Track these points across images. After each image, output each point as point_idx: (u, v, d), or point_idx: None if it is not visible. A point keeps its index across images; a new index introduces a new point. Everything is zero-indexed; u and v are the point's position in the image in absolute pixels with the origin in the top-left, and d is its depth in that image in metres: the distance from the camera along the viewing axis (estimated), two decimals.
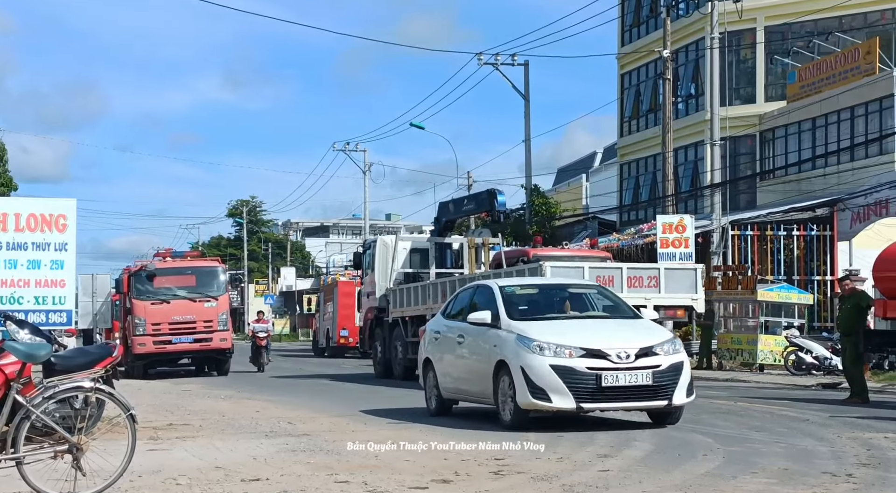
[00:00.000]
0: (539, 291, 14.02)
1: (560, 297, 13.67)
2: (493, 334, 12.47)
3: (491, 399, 12.44)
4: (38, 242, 16.11)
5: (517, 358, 11.77)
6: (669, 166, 31.80)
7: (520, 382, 11.65)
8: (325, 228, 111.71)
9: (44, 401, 7.65)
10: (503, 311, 12.63)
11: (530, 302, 13.39)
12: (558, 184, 63.35)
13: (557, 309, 13.28)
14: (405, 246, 25.64)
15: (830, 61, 36.03)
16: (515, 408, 11.81)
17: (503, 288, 13.33)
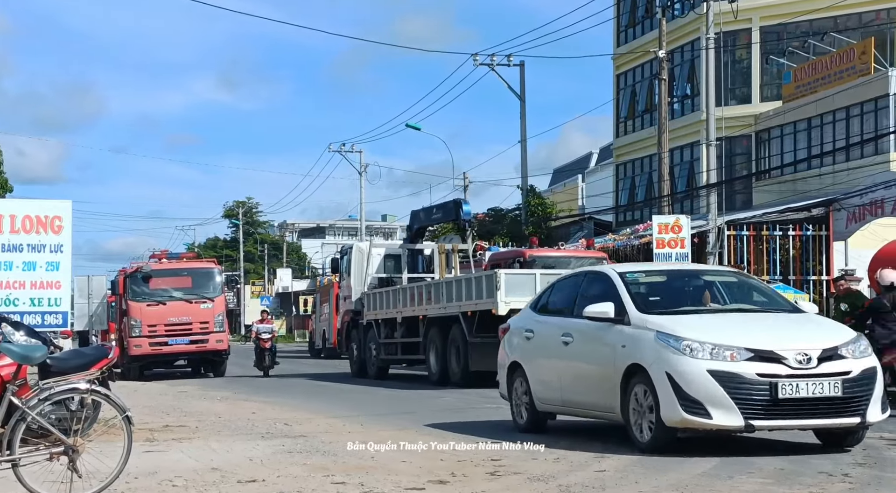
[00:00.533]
0: (668, 278, 11.53)
1: (694, 285, 11.27)
2: (618, 332, 10.17)
3: (615, 413, 10.22)
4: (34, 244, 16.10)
5: (660, 361, 9.50)
6: (665, 167, 31.83)
7: (665, 392, 9.39)
8: (321, 229, 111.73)
9: (39, 403, 7.64)
10: (630, 303, 10.33)
11: (659, 292, 11.01)
12: (554, 184, 63.38)
13: (694, 300, 10.84)
14: (379, 252, 26.88)
15: (826, 61, 36.08)
16: (658, 425, 9.52)
17: (624, 275, 10.97)
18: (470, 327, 20.52)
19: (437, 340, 21.80)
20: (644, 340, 9.80)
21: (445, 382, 21.09)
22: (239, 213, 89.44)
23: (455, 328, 20.93)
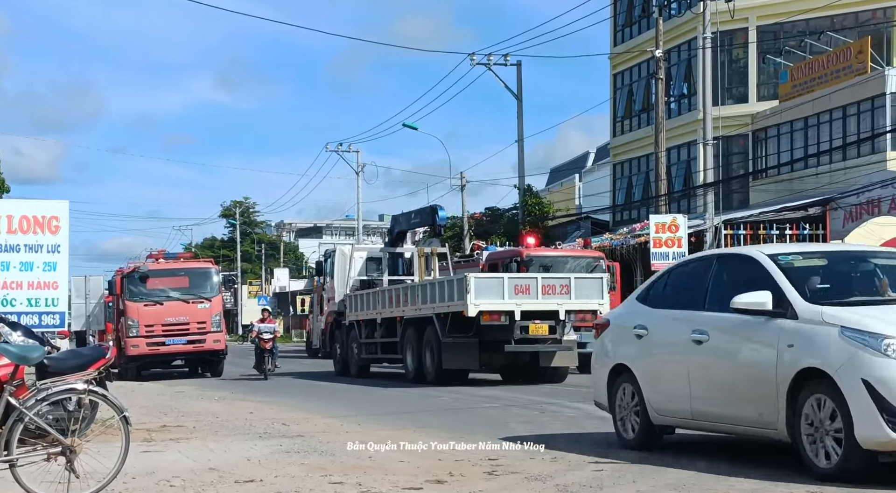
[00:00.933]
0: (829, 261, 9.37)
1: (862, 270, 9.36)
2: (778, 328, 8.35)
3: (776, 429, 8.42)
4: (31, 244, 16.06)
5: (853, 366, 7.66)
6: (662, 166, 31.85)
7: (860, 404, 7.57)
8: (319, 229, 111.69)
9: (37, 403, 7.64)
10: (793, 291, 8.46)
11: (824, 279, 8.95)
12: (551, 184, 63.39)
13: (865, 288, 9.02)
14: (361, 255, 28.03)
15: (822, 61, 36.10)
16: (850, 447, 7.67)
17: (776, 257, 9.05)
18: (443, 327, 21.06)
19: (413, 340, 22.44)
20: (822, 338, 7.95)
21: (421, 380, 21.72)
22: (236, 213, 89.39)
23: (429, 329, 21.54)
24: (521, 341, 20.45)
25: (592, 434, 11.58)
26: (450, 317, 20.81)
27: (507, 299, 20.05)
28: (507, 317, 20.14)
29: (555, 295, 20.46)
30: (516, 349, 20.59)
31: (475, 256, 30.36)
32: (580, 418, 13.52)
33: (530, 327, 20.31)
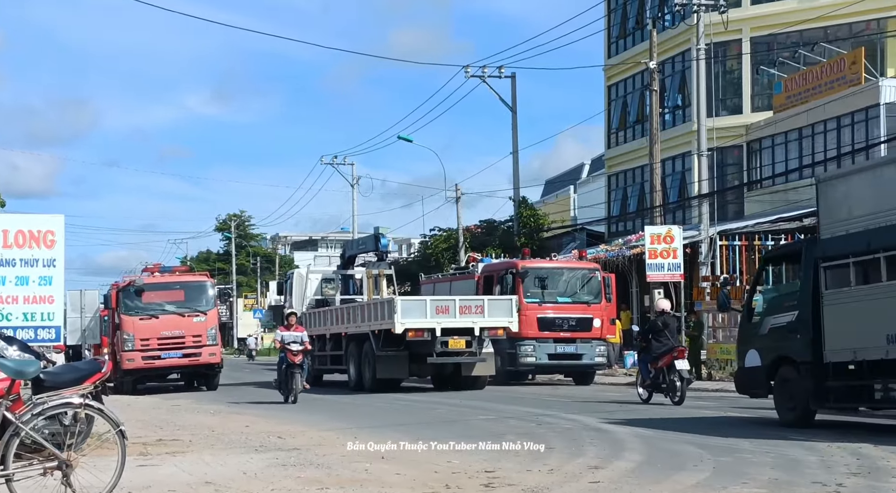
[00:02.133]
0: None
1: None
2: None
3: None
4: (27, 259, 16.04)
5: None
6: (657, 177, 31.87)
7: None
8: (314, 241, 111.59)
9: (33, 418, 7.64)
10: None
11: None
12: (546, 195, 63.44)
13: None
14: (317, 277, 30.76)
15: (816, 72, 36.21)
16: None
17: None
18: (377, 342, 23.63)
19: (354, 353, 25.11)
20: None
21: (360, 388, 24.28)
22: (231, 226, 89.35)
23: (367, 344, 24.12)
24: (441, 353, 22.98)
25: (588, 446, 11.58)
26: (383, 333, 23.32)
27: (430, 318, 22.74)
28: (429, 333, 22.78)
29: (470, 314, 23.15)
30: (438, 361, 23.22)
31: (471, 267, 30.40)
32: (577, 429, 13.52)
33: (449, 341, 22.94)
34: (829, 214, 13.00)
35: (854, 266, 12.40)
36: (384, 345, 23.39)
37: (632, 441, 11.97)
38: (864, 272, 12.38)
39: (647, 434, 12.71)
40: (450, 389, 23.83)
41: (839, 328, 12.58)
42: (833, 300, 12.71)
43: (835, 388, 12.80)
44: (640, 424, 13.99)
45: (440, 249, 47.44)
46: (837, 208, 12.89)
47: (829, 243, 12.82)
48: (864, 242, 12.15)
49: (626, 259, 34.13)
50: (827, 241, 12.89)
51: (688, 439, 12.09)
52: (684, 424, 14.06)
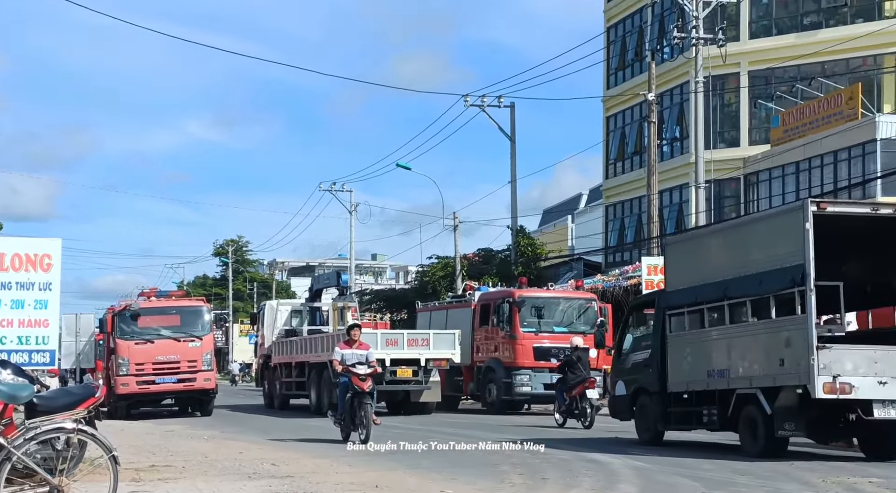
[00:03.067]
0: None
1: None
2: None
3: None
4: (23, 282, 16.04)
5: None
6: (654, 208, 31.95)
7: None
8: (311, 267, 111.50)
9: (25, 442, 7.61)
10: None
11: None
12: (544, 225, 63.53)
13: None
14: (286, 309, 33.64)
15: (813, 106, 36.37)
16: None
17: None
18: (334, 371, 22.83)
19: (315, 380, 27.08)
20: None
21: (320, 412, 25.46)
22: (229, 251, 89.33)
23: (326, 372, 25.32)
24: (391, 382, 25.01)
25: (583, 477, 11.54)
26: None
27: (380, 349, 24.38)
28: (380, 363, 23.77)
29: (417, 346, 25.59)
30: (387, 389, 24.92)
31: (467, 296, 30.41)
32: (572, 460, 13.48)
33: (398, 371, 25.16)
34: (672, 270, 16.01)
35: (687, 314, 15.18)
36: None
37: (627, 473, 11.94)
38: (693, 320, 15.12)
39: (642, 466, 12.67)
40: (402, 413, 25.84)
41: (677, 365, 15.30)
42: (674, 342, 15.45)
43: (675, 413, 15.53)
44: (636, 456, 13.96)
45: (437, 276, 47.44)
46: (678, 267, 15.83)
47: (671, 295, 15.68)
48: (692, 296, 14.90)
49: (623, 290, 34.11)
50: (670, 293, 15.76)
51: (682, 472, 12.06)
52: (679, 457, 14.02)
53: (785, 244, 13.18)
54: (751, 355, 13.77)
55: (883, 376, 12.67)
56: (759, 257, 13.70)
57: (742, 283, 13.84)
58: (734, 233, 15.64)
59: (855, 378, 12.59)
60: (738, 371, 13.88)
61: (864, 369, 12.70)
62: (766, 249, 13.64)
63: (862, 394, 12.62)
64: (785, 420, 13.09)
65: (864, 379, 12.64)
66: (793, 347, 12.94)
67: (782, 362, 13.13)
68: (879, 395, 12.69)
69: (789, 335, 13.06)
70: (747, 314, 13.94)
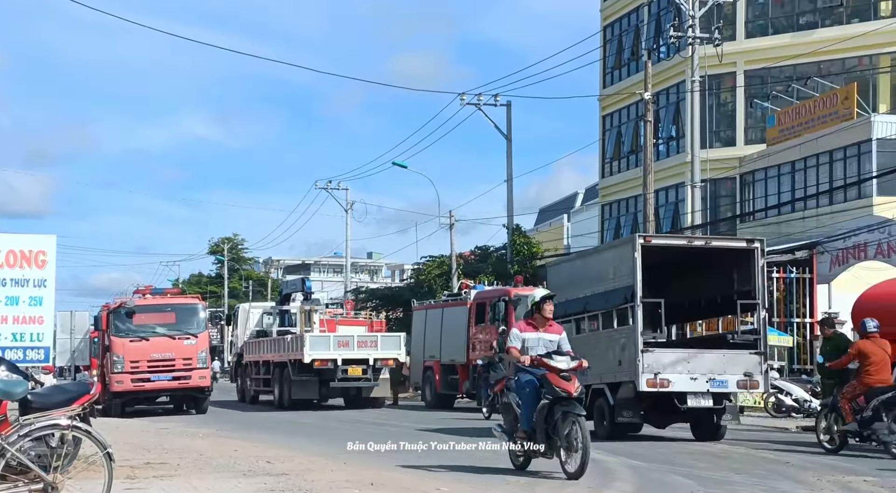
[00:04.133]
0: None
1: None
2: None
3: None
4: (17, 279, 15.99)
5: None
6: (650, 207, 31.94)
7: None
8: (307, 265, 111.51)
9: (19, 439, 7.59)
10: None
11: None
12: (540, 223, 63.57)
13: None
14: (258, 311, 37.06)
15: (809, 106, 36.40)
16: None
17: None
18: (293, 369, 28.48)
19: (278, 377, 29.77)
20: None
21: (282, 407, 29.03)
22: (224, 249, 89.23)
23: (286, 370, 28.87)
24: (342, 379, 28.25)
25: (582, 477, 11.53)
26: (297, 362, 28.13)
27: (333, 351, 27.88)
28: (332, 363, 27.97)
29: (366, 348, 28.38)
30: (339, 385, 28.57)
31: (463, 295, 30.40)
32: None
33: (349, 369, 28.12)
34: (551, 289, 17.75)
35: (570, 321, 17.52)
36: (298, 372, 28.32)
37: (623, 471, 11.94)
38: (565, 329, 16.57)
39: (637, 465, 12.68)
40: (357, 407, 28.81)
41: None
42: None
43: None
44: (631, 455, 13.95)
45: (433, 275, 47.42)
46: (555, 286, 18.50)
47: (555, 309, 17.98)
48: (563, 310, 17.05)
49: None
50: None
51: (678, 470, 12.06)
52: (674, 455, 14.02)
53: (622, 269, 16.22)
54: (600, 357, 16.18)
55: (693, 373, 15.80)
56: (607, 279, 16.89)
57: (596, 299, 17.14)
58: (591, 260, 19.20)
59: (672, 375, 15.70)
60: (593, 371, 15.41)
61: (679, 367, 15.80)
62: (611, 272, 16.82)
63: (677, 387, 15.75)
64: (623, 409, 16.16)
65: (679, 376, 15.74)
66: (626, 350, 15.97)
67: (620, 363, 16.17)
68: (691, 388, 15.79)
69: (624, 341, 16.07)
70: (599, 325, 17.16)
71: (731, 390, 16.23)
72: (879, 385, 13.99)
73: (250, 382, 33.10)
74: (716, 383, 15.85)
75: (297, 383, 28.61)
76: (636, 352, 15.62)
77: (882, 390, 13.91)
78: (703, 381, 15.80)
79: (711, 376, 15.89)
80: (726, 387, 15.96)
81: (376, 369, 28.45)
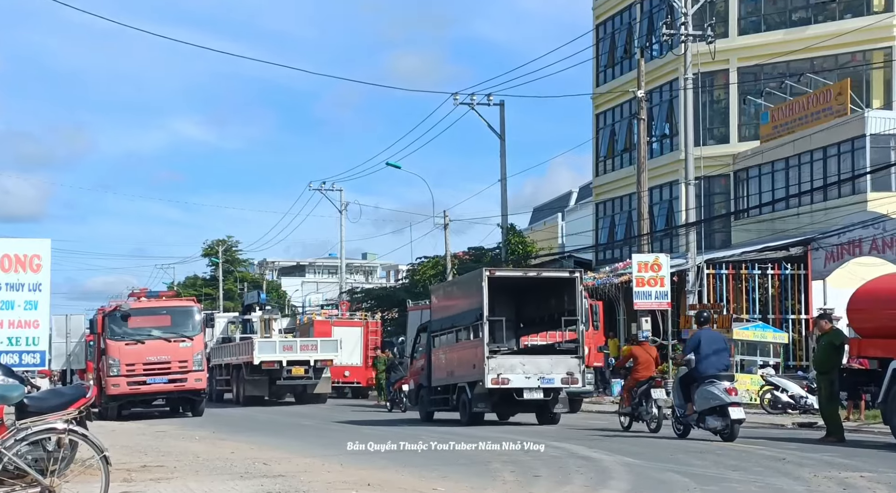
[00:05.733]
0: None
1: None
2: None
3: None
4: (12, 283, 15.97)
5: None
6: (644, 205, 31.98)
7: None
8: (301, 267, 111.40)
9: (16, 443, 7.58)
10: None
11: None
12: (534, 223, 63.57)
13: None
14: (224, 320, 43.05)
15: (803, 102, 36.45)
16: None
17: None
18: (246, 370, 33.47)
19: (236, 377, 34.95)
20: None
21: (237, 403, 34.02)
22: (219, 251, 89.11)
23: (241, 371, 34.01)
24: (287, 378, 33.21)
25: (574, 474, 11.55)
26: (249, 364, 33.18)
27: (279, 354, 32.89)
28: (278, 364, 32.88)
29: (308, 351, 33.33)
30: (285, 383, 33.51)
31: None
32: (563, 457, 13.48)
33: (293, 370, 32.99)
34: (433, 307, 24.28)
35: (437, 336, 23.10)
36: (250, 372, 33.29)
37: (618, 470, 11.95)
38: (442, 340, 22.94)
39: (633, 463, 12.69)
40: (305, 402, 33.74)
41: (436, 368, 22.81)
42: (434, 354, 23.08)
43: (436, 399, 22.93)
44: (628, 453, 13.97)
45: (428, 275, 47.40)
46: (436, 305, 24.16)
47: (433, 323, 23.60)
48: (440, 325, 23.01)
49: (613, 287, 34.16)
50: (433, 321, 23.75)
51: (674, 468, 12.07)
52: (671, 453, 14.04)
53: (476, 294, 20.51)
54: (463, 362, 21.27)
55: (528, 373, 20.13)
56: (468, 302, 21.26)
57: (460, 317, 21.67)
58: (457, 286, 24.62)
59: (511, 375, 20.03)
60: (459, 372, 21.37)
61: (517, 369, 20.16)
62: (470, 296, 21.14)
63: (515, 384, 20.08)
64: (478, 402, 20.55)
65: (517, 375, 20.06)
66: (478, 357, 20.27)
67: (474, 366, 20.48)
68: (526, 385, 20.12)
69: (476, 350, 20.44)
70: (462, 337, 21.63)
71: (557, 386, 20.34)
72: (643, 379, 18.00)
73: (215, 382, 37.38)
74: (545, 380, 20.14)
75: (249, 382, 33.73)
76: (483, 358, 19.93)
77: (643, 382, 17.90)
78: (536, 379, 20.10)
79: (542, 375, 20.17)
80: (553, 383, 20.23)
81: (317, 369, 33.27)
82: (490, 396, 20.35)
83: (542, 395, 20.19)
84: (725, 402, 15.48)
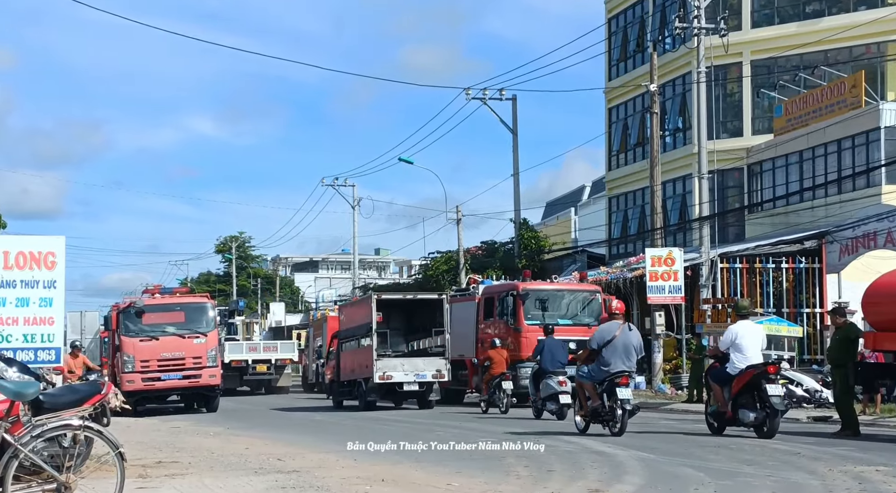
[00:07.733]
0: None
1: None
2: None
3: None
4: (27, 280, 16.00)
5: None
6: (658, 199, 31.91)
7: None
8: (314, 263, 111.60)
9: (32, 440, 7.62)
10: None
11: None
12: (547, 217, 63.49)
13: None
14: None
15: (816, 95, 36.30)
16: None
17: None
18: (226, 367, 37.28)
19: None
20: None
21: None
22: (232, 247, 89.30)
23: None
24: (252, 374, 40.33)
25: (589, 469, 11.54)
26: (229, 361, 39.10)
27: (245, 354, 40.19)
28: (245, 362, 39.80)
29: (269, 352, 40.64)
30: (251, 378, 40.74)
31: (471, 290, 30.39)
32: (577, 452, 13.48)
33: (257, 367, 40.14)
34: (341, 319, 30.53)
35: (344, 342, 29.08)
36: (224, 370, 34.89)
37: (632, 464, 11.94)
38: (347, 345, 28.76)
39: (647, 457, 12.67)
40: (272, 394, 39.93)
41: (343, 366, 28.84)
42: (342, 355, 28.94)
43: (344, 391, 28.85)
44: (642, 448, 13.96)
45: (440, 270, 47.40)
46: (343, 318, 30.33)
47: (341, 332, 29.59)
48: (346, 334, 28.98)
49: (626, 281, 34.11)
50: (341, 331, 29.71)
51: (689, 462, 12.05)
52: (685, 447, 14.02)
53: (367, 312, 26.24)
54: (360, 363, 26.94)
55: (407, 371, 25.91)
56: (363, 317, 26.77)
57: (359, 329, 27.25)
58: (358, 305, 29.14)
59: (393, 372, 25.85)
60: (357, 370, 27.23)
61: (398, 368, 25.94)
62: (365, 313, 26.56)
63: (397, 379, 25.89)
64: (370, 393, 26.27)
65: (398, 372, 25.88)
66: (369, 359, 25.92)
67: (367, 366, 26.13)
68: (405, 379, 25.96)
69: (368, 353, 26.02)
70: (360, 344, 27.12)
71: (429, 380, 26.03)
72: (497, 374, 23.63)
73: None
74: (419, 376, 25.93)
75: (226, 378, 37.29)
76: (373, 360, 25.76)
77: (495, 377, 23.65)
78: (412, 375, 25.89)
79: (417, 372, 25.93)
80: (426, 378, 26.00)
81: (278, 367, 40.69)
82: (379, 388, 26.15)
83: (417, 387, 26.04)
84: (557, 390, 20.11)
